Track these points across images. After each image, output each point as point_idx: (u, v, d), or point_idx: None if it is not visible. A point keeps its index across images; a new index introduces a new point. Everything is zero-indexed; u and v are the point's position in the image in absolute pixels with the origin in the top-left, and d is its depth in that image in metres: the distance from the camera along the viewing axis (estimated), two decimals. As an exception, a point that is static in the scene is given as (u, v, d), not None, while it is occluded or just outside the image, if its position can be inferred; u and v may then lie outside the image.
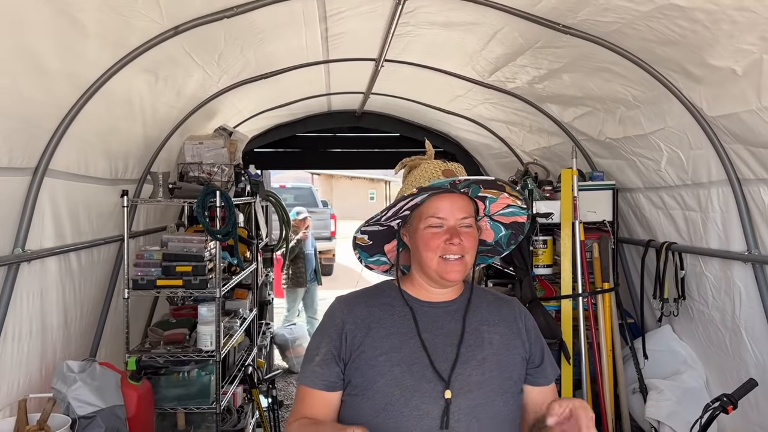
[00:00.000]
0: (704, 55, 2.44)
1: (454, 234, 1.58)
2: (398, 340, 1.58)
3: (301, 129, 6.44)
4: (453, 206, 1.60)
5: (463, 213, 1.60)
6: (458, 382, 1.53)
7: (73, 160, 2.84)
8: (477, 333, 1.62)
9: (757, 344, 2.97)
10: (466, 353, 1.58)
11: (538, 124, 4.41)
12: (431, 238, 1.59)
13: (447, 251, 1.58)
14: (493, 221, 1.75)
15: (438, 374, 1.53)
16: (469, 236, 1.60)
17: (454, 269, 1.58)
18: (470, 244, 1.60)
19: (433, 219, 1.60)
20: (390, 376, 1.53)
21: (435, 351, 1.57)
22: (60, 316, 2.95)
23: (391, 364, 1.55)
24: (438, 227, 1.59)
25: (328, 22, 3.26)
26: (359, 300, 1.69)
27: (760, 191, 2.73)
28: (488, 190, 1.64)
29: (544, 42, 3.07)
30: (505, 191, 1.65)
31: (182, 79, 3.38)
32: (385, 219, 1.69)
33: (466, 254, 1.59)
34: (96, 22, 2.29)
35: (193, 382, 3.66)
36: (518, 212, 1.71)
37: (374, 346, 1.58)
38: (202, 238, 3.65)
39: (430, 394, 1.51)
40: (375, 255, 1.81)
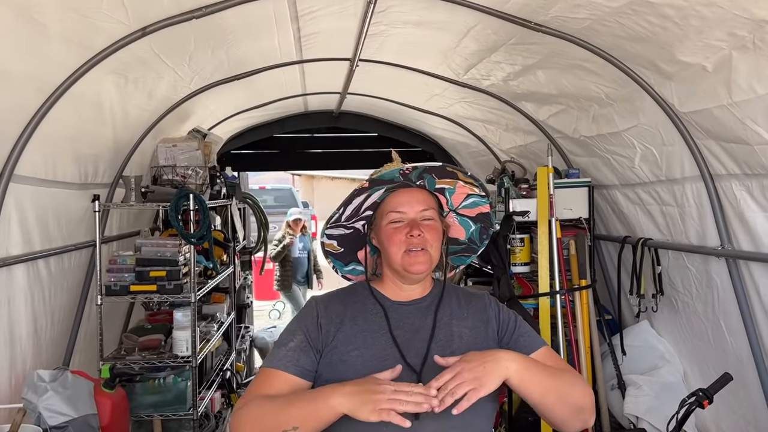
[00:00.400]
0: (674, 51, 2.45)
1: (414, 226, 1.60)
2: (370, 337, 1.60)
3: (278, 130, 6.39)
4: (411, 199, 1.63)
5: (423, 205, 1.63)
6: (428, 375, 1.53)
7: (39, 165, 2.78)
8: (447, 327, 1.65)
9: (735, 337, 3.00)
10: (436, 348, 1.59)
11: (515, 123, 4.42)
12: (393, 233, 1.62)
13: (409, 244, 1.60)
14: (459, 216, 1.76)
15: (410, 368, 1.55)
16: (431, 229, 1.62)
17: (418, 261, 1.60)
18: (432, 237, 1.62)
19: (393, 214, 1.63)
20: (362, 372, 1.54)
21: (406, 347, 1.59)
22: (29, 325, 2.88)
23: (363, 360, 1.56)
24: (399, 222, 1.62)
25: (300, 21, 3.23)
26: (334, 298, 1.72)
27: (732, 187, 2.75)
28: (443, 180, 1.66)
29: (517, 39, 3.07)
30: (458, 178, 1.67)
31: (153, 81, 3.32)
32: (345, 219, 1.70)
33: (429, 247, 1.61)
34: (58, 24, 2.24)
35: (169, 389, 3.60)
36: (480, 201, 1.73)
37: (347, 341, 1.59)
38: (176, 242, 3.60)
39: None
40: (350, 264, 1.82)
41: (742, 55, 2.22)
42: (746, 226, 2.73)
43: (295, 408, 1.45)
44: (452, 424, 1.51)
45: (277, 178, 19.14)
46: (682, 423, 2.50)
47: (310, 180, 22.93)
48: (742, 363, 2.95)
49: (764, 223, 2.62)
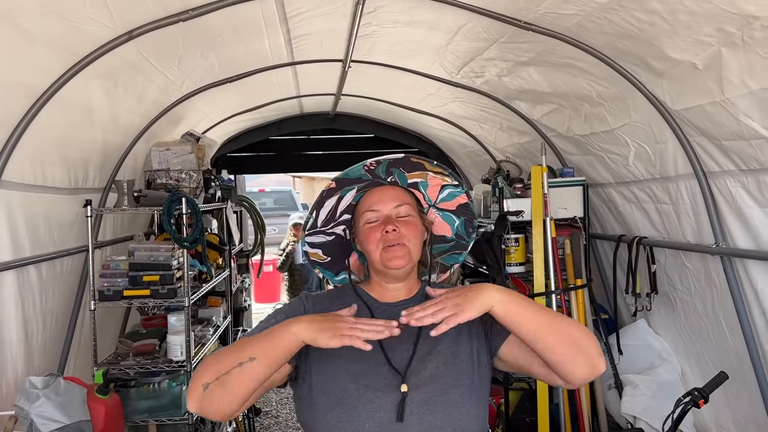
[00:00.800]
0: (664, 48, 2.43)
1: (388, 222, 1.59)
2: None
3: (274, 132, 6.39)
4: (384, 197, 1.62)
5: (396, 201, 1.62)
6: (413, 377, 1.53)
7: (28, 171, 2.77)
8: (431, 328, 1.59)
9: (735, 335, 2.97)
10: (422, 349, 1.58)
11: (509, 122, 4.40)
12: (369, 233, 1.60)
13: (385, 240, 1.58)
14: (441, 211, 1.75)
15: (394, 370, 1.54)
16: (408, 224, 1.61)
17: (396, 255, 1.58)
18: (409, 231, 1.60)
19: (368, 213, 1.62)
20: (345, 372, 1.54)
21: (392, 349, 1.57)
22: (20, 331, 2.86)
23: (347, 361, 1.55)
24: (374, 221, 1.61)
25: (290, 23, 3.21)
26: (322, 298, 1.71)
27: (727, 184, 2.72)
28: (413, 174, 1.65)
29: (508, 37, 3.05)
30: (426, 168, 1.65)
31: (142, 85, 3.31)
32: (322, 224, 1.69)
33: (407, 241, 1.59)
34: (41, 28, 2.23)
35: (164, 394, 3.59)
36: (456, 192, 1.72)
37: None
38: (170, 246, 3.58)
39: (384, 390, 1.52)
40: (340, 273, 1.81)
41: (731, 51, 2.20)
42: (744, 223, 2.70)
43: (253, 342, 1.44)
44: (437, 424, 1.50)
45: (276, 180, 19.14)
46: (678, 423, 2.48)
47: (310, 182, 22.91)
48: (742, 360, 2.93)
49: (762, 219, 2.59)
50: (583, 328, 1.51)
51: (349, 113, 6.33)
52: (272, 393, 6.50)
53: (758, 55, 2.10)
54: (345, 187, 1.65)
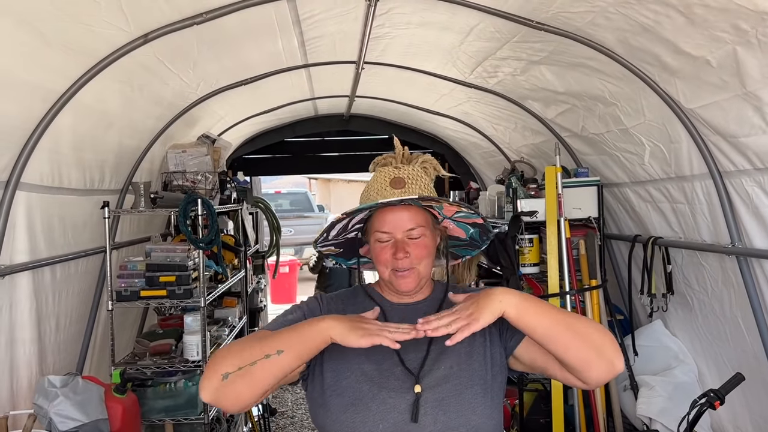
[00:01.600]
0: (679, 42, 2.41)
1: (399, 248, 1.57)
2: None
3: (289, 134, 6.43)
4: (398, 219, 1.58)
5: (410, 224, 1.58)
6: (427, 377, 1.54)
7: (46, 173, 2.81)
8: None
9: (753, 335, 2.94)
10: (436, 349, 1.57)
11: (523, 122, 4.39)
12: (380, 252, 1.60)
13: (395, 265, 1.58)
14: (455, 222, 1.72)
15: (408, 370, 1.54)
16: (419, 246, 1.58)
17: (405, 281, 1.59)
18: (420, 254, 1.58)
19: (380, 234, 1.59)
20: (359, 372, 1.55)
21: (405, 349, 1.55)
22: (33, 331, 2.90)
23: (360, 361, 1.56)
24: (386, 241, 1.59)
25: (303, 26, 3.23)
26: (335, 298, 1.72)
27: (742, 183, 2.69)
28: (427, 202, 1.60)
29: (521, 37, 3.05)
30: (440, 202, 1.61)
31: (158, 88, 3.35)
32: (333, 238, 1.69)
33: (417, 264, 1.59)
34: (58, 32, 2.26)
35: (180, 393, 3.63)
36: (471, 215, 1.69)
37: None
38: (186, 247, 3.62)
39: (398, 390, 1.52)
40: (352, 258, 1.80)
41: (746, 50, 2.18)
42: (761, 222, 2.66)
43: (280, 336, 1.44)
44: (452, 424, 1.50)
45: (293, 182, 19.23)
46: (694, 424, 2.46)
47: (326, 183, 22.98)
48: (760, 361, 2.89)
49: (781, 219, 2.56)
50: (600, 327, 1.49)
51: (364, 115, 6.35)
52: (288, 393, 6.53)
53: (774, 53, 2.08)
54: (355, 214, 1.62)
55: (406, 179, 1.61)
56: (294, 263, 11.57)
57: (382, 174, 1.63)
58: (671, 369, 3.55)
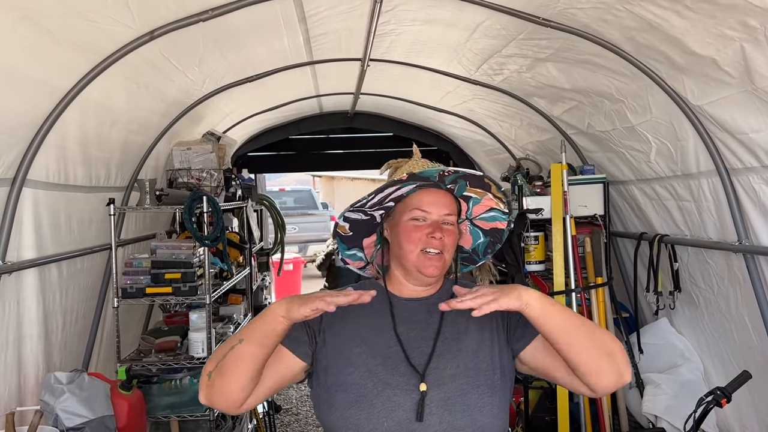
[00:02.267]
0: (686, 40, 2.40)
1: (436, 228, 1.57)
2: (374, 334, 1.59)
3: (293, 131, 6.43)
4: (438, 201, 1.60)
5: (447, 209, 1.60)
6: (432, 376, 1.53)
7: (52, 169, 2.82)
8: (454, 324, 1.62)
9: (759, 333, 2.93)
10: (442, 346, 1.57)
11: (528, 119, 4.38)
12: (413, 230, 1.59)
13: (428, 245, 1.57)
14: (473, 226, 1.74)
15: (413, 368, 1.53)
16: (450, 234, 1.60)
17: (433, 264, 1.58)
18: (450, 242, 1.59)
19: (418, 212, 1.59)
20: (364, 369, 1.54)
21: (410, 345, 1.57)
22: (41, 327, 2.91)
23: (366, 357, 1.55)
24: (422, 220, 1.59)
25: (308, 23, 3.23)
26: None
27: (750, 180, 2.69)
28: (473, 189, 1.64)
29: (526, 34, 3.04)
30: (491, 191, 1.65)
31: (164, 85, 3.35)
32: (370, 205, 1.66)
33: (446, 251, 1.59)
34: (65, 29, 2.26)
35: (185, 390, 3.63)
36: (499, 217, 1.70)
37: (350, 337, 1.59)
38: (191, 244, 3.62)
39: (403, 387, 1.51)
40: (352, 248, 1.79)
41: (755, 47, 2.17)
42: (768, 220, 2.66)
43: (244, 328, 1.52)
44: (457, 424, 1.50)
45: (297, 179, 19.22)
46: (700, 422, 2.45)
47: (330, 181, 22.97)
48: (767, 359, 2.88)
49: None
50: (613, 338, 1.51)
51: (368, 112, 6.34)
52: (292, 390, 6.54)
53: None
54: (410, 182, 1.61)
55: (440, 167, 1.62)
56: (298, 261, 11.57)
57: (415, 163, 1.64)
58: (677, 367, 3.55)
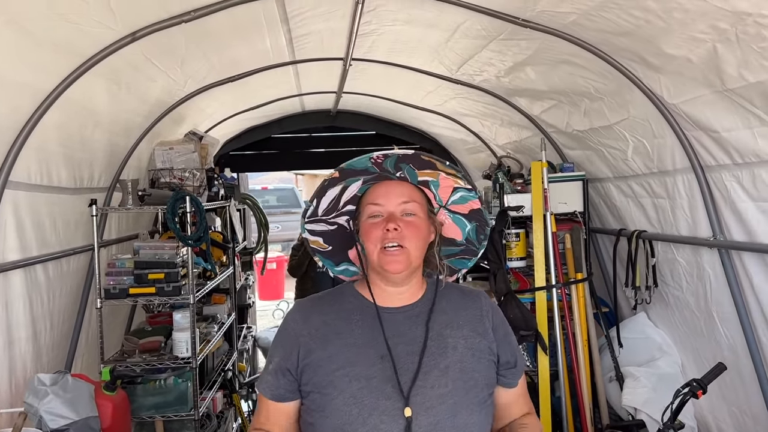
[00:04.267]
0: (660, 44, 2.46)
1: (390, 220, 1.50)
2: (355, 353, 1.51)
3: (276, 130, 6.43)
4: (390, 191, 1.53)
5: (403, 198, 1.53)
6: (419, 397, 1.46)
7: (34, 171, 2.81)
8: (440, 338, 1.55)
9: (728, 327, 3.00)
10: (429, 362, 1.50)
11: (509, 118, 4.43)
12: (371, 228, 1.52)
13: (384, 239, 1.49)
14: (452, 213, 1.66)
15: (399, 389, 1.45)
16: (411, 225, 1.52)
17: (395, 259, 1.49)
18: (411, 232, 1.51)
19: (372, 207, 1.54)
20: (348, 393, 1.46)
21: (396, 361, 1.49)
22: (28, 329, 2.91)
23: (349, 379, 1.47)
24: (377, 216, 1.53)
25: (291, 23, 3.25)
26: (315, 308, 1.62)
27: (722, 178, 2.75)
28: (423, 171, 1.56)
29: (506, 35, 3.08)
30: (437, 168, 1.57)
31: (145, 85, 3.35)
32: (324, 213, 1.63)
33: (407, 243, 1.50)
34: (47, 31, 2.26)
35: (170, 390, 3.64)
36: (468, 196, 1.63)
37: (330, 360, 1.51)
38: (174, 244, 3.62)
39: (389, 413, 1.44)
40: (341, 264, 1.72)
41: (726, 47, 2.22)
42: (738, 217, 2.73)
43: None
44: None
45: (279, 178, 19.16)
46: (677, 413, 2.51)
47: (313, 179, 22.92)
48: (736, 354, 2.96)
49: (755, 213, 2.62)
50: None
51: (351, 111, 6.36)
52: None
53: (753, 50, 2.12)
54: (349, 178, 1.56)
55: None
56: (282, 260, 11.57)
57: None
58: (655, 360, 3.62)
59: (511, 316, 3.60)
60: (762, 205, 2.56)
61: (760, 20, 1.98)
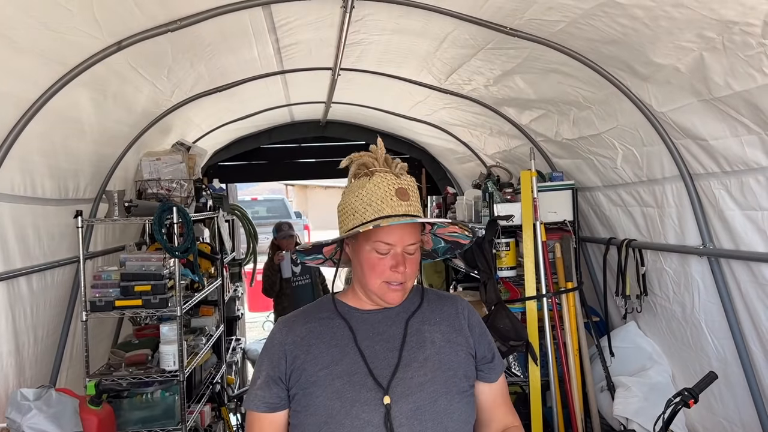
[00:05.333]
0: (647, 53, 2.46)
1: (399, 262, 1.56)
2: (338, 352, 1.58)
3: (265, 141, 6.41)
4: (404, 234, 1.56)
5: (412, 239, 1.58)
6: (399, 387, 1.53)
7: (18, 182, 2.77)
8: (419, 334, 1.62)
9: (717, 337, 3.00)
10: (408, 356, 1.57)
11: (498, 128, 4.43)
12: (377, 263, 1.56)
13: (391, 278, 1.56)
14: (434, 236, 1.74)
15: (377, 383, 1.52)
16: (412, 262, 1.59)
17: (396, 293, 1.58)
18: (412, 270, 1.59)
19: (382, 245, 1.56)
20: (331, 390, 1.52)
21: (375, 358, 1.56)
22: (11, 343, 2.85)
23: (332, 377, 1.54)
24: (385, 253, 1.56)
25: (278, 33, 3.23)
26: (299, 319, 1.67)
27: (710, 185, 2.76)
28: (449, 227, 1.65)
29: (495, 43, 3.08)
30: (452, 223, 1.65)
31: (132, 95, 3.32)
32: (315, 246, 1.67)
33: (408, 280, 1.59)
34: (30, 40, 2.24)
35: (157, 404, 3.59)
36: (462, 237, 1.70)
37: (314, 362, 1.57)
38: (161, 255, 3.58)
39: (370, 403, 1.51)
40: (311, 254, 1.75)
41: (713, 56, 2.23)
42: (726, 225, 2.73)
43: None
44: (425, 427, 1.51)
45: (269, 188, 19.14)
46: (669, 423, 2.50)
47: (303, 190, 22.93)
48: (725, 363, 2.95)
49: (743, 221, 2.62)
50: None
51: (340, 121, 6.36)
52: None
53: (739, 58, 2.13)
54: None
55: (408, 190, 1.59)
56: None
57: (383, 181, 1.57)
58: (646, 370, 3.60)
59: (502, 326, 3.58)
60: (750, 213, 2.56)
61: (746, 29, 1.99)
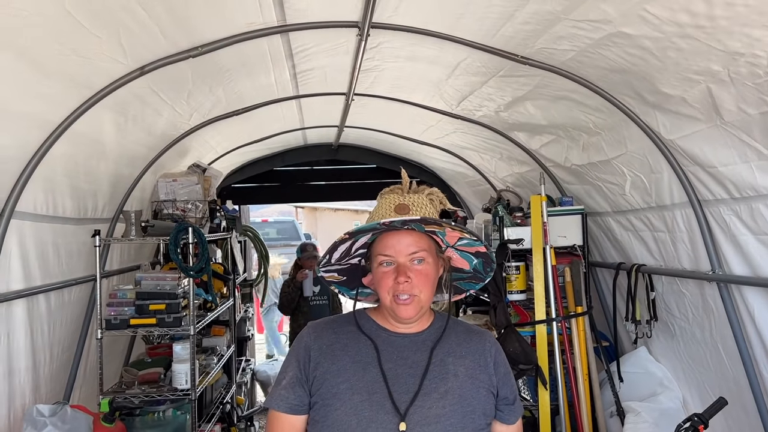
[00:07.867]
0: (655, 82, 2.52)
1: (401, 272, 1.56)
2: (361, 368, 1.59)
3: (278, 163, 6.50)
4: (401, 243, 1.57)
5: (413, 248, 1.58)
6: (417, 415, 1.52)
7: (40, 201, 2.84)
8: (443, 365, 1.61)
9: (732, 361, 3.00)
10: (429, 385, 1.56)
11: (508, 152, 4.49)
12: (383, 277, 1.59)
13: (396, 290, 1.57)
14: (459, 251, 1.70)
15: (395, 407, 1.52)
16: (421, 274, 1.58)
17: (406, 308, 1.57)
18: (421, 281, 1.58)
19: (382, 257, 1.59)
20: (349, 405, 1.53)
21: (396, 381, 1.56)
22: (28, 360, 2.91)
23: (352, 392, 1.55)
24: (387, 264, 1.59)
25: (295, 59, 3.32)
26: (328, 327, 1.69)
27: (720, 212, 2.78)
28: (429, 226, 1.60)
29: (506, 71, 3.15)
30: (443, 225, 1.61)
31: (151, 118, 3.40)
32: (336, 261, 1.69)
33: (418, 292, 1.57)
34: (58, 65, 2.32)
35: (168, 422, 3.61)
36: (474, 243, 1.67)
37: (337, 372, 1.58)
38: (176, 275, 3.64)
39: (386, 426, 1.50)
40: (355, 288, 1.77)
41: (720, 87, 2.27)
42: (740, 250, 2.74)
43: None
44: None
45: (280, 210, 19.23)
46: (678, 449, 2.50)
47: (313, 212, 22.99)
48: (740, 387, 2.95)
49: (757, 246, 2.62)
50: None
51: (352, 144, 6.44)
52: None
53: (748, 86, 2.17)
54: (359, 235, 1.61)
55: (410, 206, 1.62)
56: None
57: (387, 200, 1.65)
58: (656, 395, 3.59)
59: (511, 349, 3.59)
60: (763, 238, 2.57)
61: (752, 60, 2.04)
